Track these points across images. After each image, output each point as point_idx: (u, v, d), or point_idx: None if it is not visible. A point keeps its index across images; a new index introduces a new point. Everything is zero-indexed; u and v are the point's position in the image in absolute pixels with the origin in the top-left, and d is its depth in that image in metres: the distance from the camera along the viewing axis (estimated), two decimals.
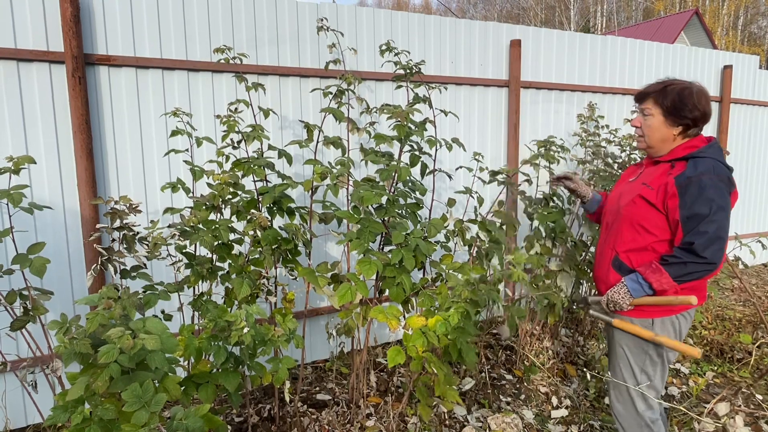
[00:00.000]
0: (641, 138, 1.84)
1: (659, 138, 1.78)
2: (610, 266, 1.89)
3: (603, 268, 1.93)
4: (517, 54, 3.81)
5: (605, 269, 1.91)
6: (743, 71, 5.12)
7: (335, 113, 2.43)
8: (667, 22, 22.23)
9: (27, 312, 1.82)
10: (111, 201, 1.83)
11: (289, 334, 1.88)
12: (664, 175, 1.74)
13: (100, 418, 1.36)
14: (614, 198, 1.97)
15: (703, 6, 31.87)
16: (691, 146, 1.74)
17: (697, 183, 1.62)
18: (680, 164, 1.72)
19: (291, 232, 2.18)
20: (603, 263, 1.93)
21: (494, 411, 2.76)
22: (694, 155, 1.70)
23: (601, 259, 1.96)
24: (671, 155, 1.77)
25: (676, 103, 1.71)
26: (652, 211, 1.74)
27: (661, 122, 1.75)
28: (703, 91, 1.74)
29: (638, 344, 1.85)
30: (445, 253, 2.45)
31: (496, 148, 3.93)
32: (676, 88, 1.73)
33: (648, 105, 1.78)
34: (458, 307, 2.01)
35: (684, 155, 1.72)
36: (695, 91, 1.73)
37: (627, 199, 1.83)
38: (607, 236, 1.93)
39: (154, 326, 1.41)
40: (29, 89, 2.54)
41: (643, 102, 1.81)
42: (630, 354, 1.88)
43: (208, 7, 2.88)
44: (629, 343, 1.87)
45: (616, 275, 1.86)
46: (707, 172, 1.63)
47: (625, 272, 1.83)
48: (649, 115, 1.78)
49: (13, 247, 1.98)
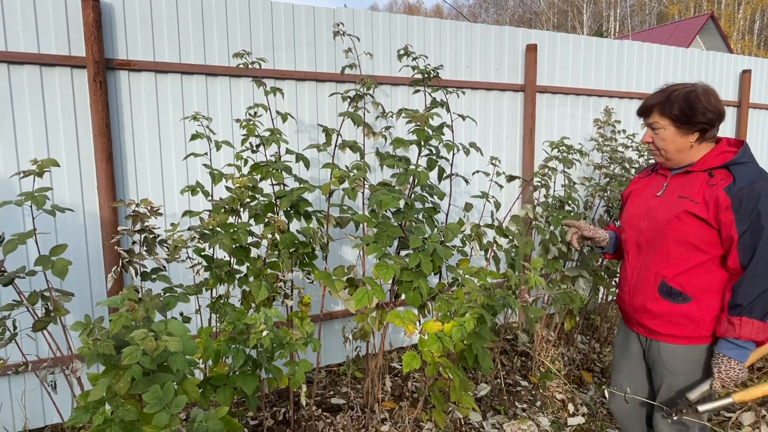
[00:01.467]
0: (657, 152, 1.70)
1: (676, 150, 1.64)
2: (655, 294, 1.69)
3: (643, 295, 1.73)
4: (533, 58, 3.80)
5: (648, 297, 1.71)
6: (762, 76, 5.05)
7: (354, 117, 2.43)
8: (681, 26, 22.04)
9: (48, 313, 1.84)
10: (132, 204, 1.85)
11: (306, 338, 1.89)
12: (706, 187, 1.58)
13: (121, 419, 1.37)
14: (640, 215, 1.76)
15: (719, 10, 31.54)
16: (726, 152, 1.61)
17: (751, 193, 1.50)
18: (721, 173, 1.57)
19: (308, 235, 2.19)
20: (643, 290, 1.73)
21: (510, 417, 2.73)
22: (735, 162, 1.57)
23: (639, 285, 1.75)
24: (704, 164, 1.62)
25: (685, 110, 1.58)
26: (704, 227, 1.57)
27: (673, 133, 1.62)
28: (710, 91, 1.60)
29: (694, 371, 1.67)
30: (461, 257, 2.44)
31: (512, 153, 3.91)
32: (681, 94, 1.60)
33: (654, 118, 1.64)
34: (474, 313, 1.99)
35: (723, 163, 1.58)
36: (701, 92, 1.59)
37: (668, 216, 1.64)
38: (646, 259, 1.73)
39: (176, 328, 1.41)
40: (51, 93, 2.58)
41: (649, 116, 1.67)
42: (685, 382, 1.70)
43: (227, 12, 2.90)
44: (684, 371, 1.68)
45: (665, 303, 1.67)
46: (758, 180, 1.51)
47: (675, 298, 1.64)
48: (659, 128, 1.64)
49: (35, 248, 2.00)
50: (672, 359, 1.69)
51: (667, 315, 1.67)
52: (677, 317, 1.65)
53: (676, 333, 1.67)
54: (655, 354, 1.75)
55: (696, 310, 1.62)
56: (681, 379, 1.69)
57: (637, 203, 1.81)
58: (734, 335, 1.51)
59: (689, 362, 1.66)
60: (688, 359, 1.66)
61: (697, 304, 1.62)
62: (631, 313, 1.81)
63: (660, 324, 1.70)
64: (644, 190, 1.81)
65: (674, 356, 1.69)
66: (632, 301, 1.78)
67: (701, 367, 1.66)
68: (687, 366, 1.67)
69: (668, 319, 1.67)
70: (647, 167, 1.94)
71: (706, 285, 1.62)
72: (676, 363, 1.69)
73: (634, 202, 1.83)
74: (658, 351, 1.74)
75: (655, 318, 1.70)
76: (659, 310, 1.68)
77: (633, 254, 1.79)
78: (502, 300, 2.16)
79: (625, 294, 1.82)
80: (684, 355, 1.67)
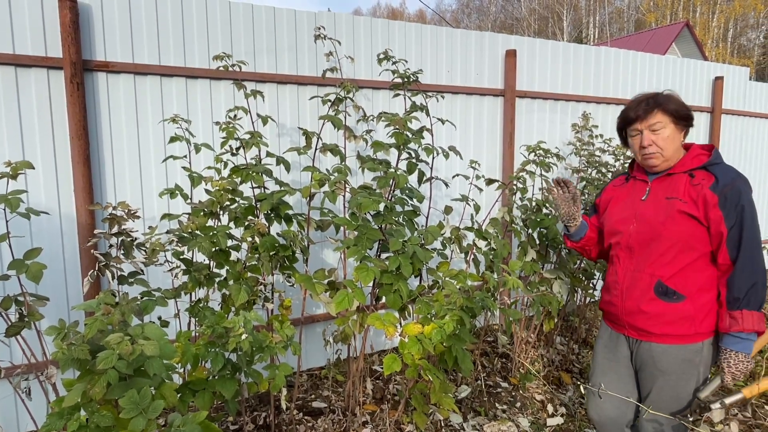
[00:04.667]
0: (657, 154, 1.71)
1: (675, 149, 1.70)
2: (651, 294, 1.71)
3: (638, 297, 1.75)
4: (513, 64, 3.85)
5: (643, 298, 1.73)
6: (734, 82, 5.20)
7: (334, 121, 2.44)
8: (658, 33, 22.54)
9: (22, 318, 1.81)
10: (109, 207, 1.83)
11: (286, 341, 1.88)
12: (690, 187, 1.65)
13: (97, 425, 1.35)
14: (628, 219, 1.80)
15: (694, 18, 32.36)
16: (700, 154, 1.70)
17: (734, 190, 1.58)
18: (701, 173, 1.65)
19: (289, 238, 2.18)
20: (637, 292, 1.75)
21: (490, 419, 2.76)
22: (712, 163, 1.66)
23: (632, 288, 1.77)
24: (683, 166, 1.70)
25: (681, 107, 1.67)
26: (696, 226, 1.63)
27: (673, 131, 1.68)
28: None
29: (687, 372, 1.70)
30: (441, 260, 2.46)
31: (492, 157, 3.96)
32: (665, 94, 1.71)
33: (658, 118, 1.68)
34: (453, 315, 2.01)
35: (701, 164, 1.67)
36: (673, 92, 1.73)
37: (661, 217, 1.68)
38: (639, 261, 1.76)
39: (153, 332, 1.40)
40: (27, 95, 2.54)
41: (647, 118, 1.70)
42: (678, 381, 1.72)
43: (207, 14, 2.89)
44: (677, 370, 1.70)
45: (660, 303, 1.70)
46: (737, 178, 1.60)
47: (671, 298, 1.68)
48: (660, 128, 1.68)
49: (8, 252, 1.97)
50: (664, 359, 1.71)
51: (663, 315, 1.69)
52: (672, 316, 1.68)
53: (671, 332, 1.69)
54: (646, 356, 1.76)
55: (690, 308, 1.66)
56: (673, 378, 1.71)
57: (621, 208, 1.84)
58: (738, 329, 1.56)
59: (682, 361, 1.69)
60: (681, 358, 1.69)
61: (691, 302, 1.66)
62: (622, 315, 1.81)
63: (654, 324, 1.72)
64: (626, 196, 1.85)
65: (666, 356, 1.71)
66: (624, 303, 1.79)
67: (693, 366, 1.69)
68: (679, 365, 1.69)
69: (663, 319, 1.69)
70: (621, 174, 1.99)
71: (699, 283, 1.66)
72: (668, 363, 1.71)
73: (618, 207, 1.86)
74: (649, 352, 1.75)
75: (650, 318, 1.72)
76: (654, 310, 1.71)
77: (624, 257, 1.80)
78: (482, 302, 2.19)
79: (616, 297, 1.83)
80: (676, 355, 1.69)
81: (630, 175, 1.90)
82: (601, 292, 1.95)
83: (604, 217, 1.93)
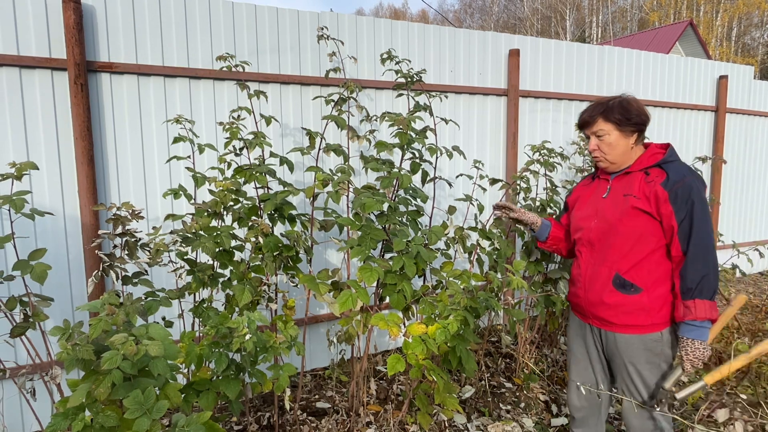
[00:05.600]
0: (602, 158, 1.85)
1: (621, 152, 1.82)
2: (610, 287, 1.83)
3: (599, 288, 1.86)
4: (516, 63, 3.85)
5: (604, 290, 1.84)
6: (738, 81, 5.18)
7: (338, 121, 2.44)
8: (661, 32, 22.46)
9: (27, 318, 1.81)
10: (113, 207, 1.83)
11: (290, 341, 1.88)
12: (644, 184, 1.76)
13: (102, 426, 1.36)
14: (590, 216, 1.91)
15: (697, 17, 32.22)
16: (656, 153, 1.81)
17: (684, 186, 1.68)
18: (655, 171, 1.76)
19: (292, 239, 2.18)
20: (598, 284, 1.86)
21: (494, 419, 2.75)
22: (665, 161, 1.77)
23: (594, 280, 1.89)
24: (640, 165, 1.81)
25: (624, 113, 1.77)
26: (650, 220, 1.75)
27: (617, 137, 1.80)
28: (636, 99, 1.83)
29: (650, 361, 1.80)
30: (445, 260, 2.45)
31: (495, 156, 3.95)
32: (616, 102, 1.80)
33: (599, 126, 1.81)
34: (457, 315, 2.01)
35: (655, 162, 1.78)
36: (631, 99, 1.81)
37: (617, 213, 1.80)
38: (599, 255, 1.87)
39: (157, 332, 1.40)
40: (31, 96, 2.55)
41: (592, 126, 1.83)
42: (644, 370, 1.82)
43: (210, 14, 2.90)
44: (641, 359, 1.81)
45: (619, 295, 1.81)
46: (689, 174, 1.70)
47: (628, 290, 1.79)
48: (604, 134, 1.81)
49: (13, 253, 1.97)
50: (628, 349, 1.82)
51: (621, 306, 1.80)
52: (630, 307, 1.79)
53: (629, 322, 1.80)
54: (612, 346, 1.88)
55: (646, 299, 1.77)
56: (638, 367, 1.82)
57: (585, 206, 1.97)
58: (692, 317, 1.66)
59: (644, 351, 1.80)
60: (643, 348, 1.80)
61: (647, 294, 1.77)
62: (586, 306, 1.93)
63: (614, 315, 1.83)
64: (590, 195, 1.98)
65: (629, 346, 1.82)
66: (587, 295, 1.91)
67: (654, 355, 1.79)
68: (642, 355, 1.80)
69: (622, 310, 1.80)
70: (588, 175, 2.09)
71: (654, 276, 1.77)
72: (632, 353, 1.81)
73: (583, 205, 1.99)
74: (614, 343, 1.86)
75: (610, 309, 1.83)
76: (614, 301, 1.82)
77: (586, 252, 1.93)
78: (485, 302, 2.18)
79: (580, 289, 1.95)
80: (638, 345, 1.80)
81: (596, 174, 2.02)
82: (567, 284, 2.03)
83: (572, 214, 2.05)
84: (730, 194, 5.30)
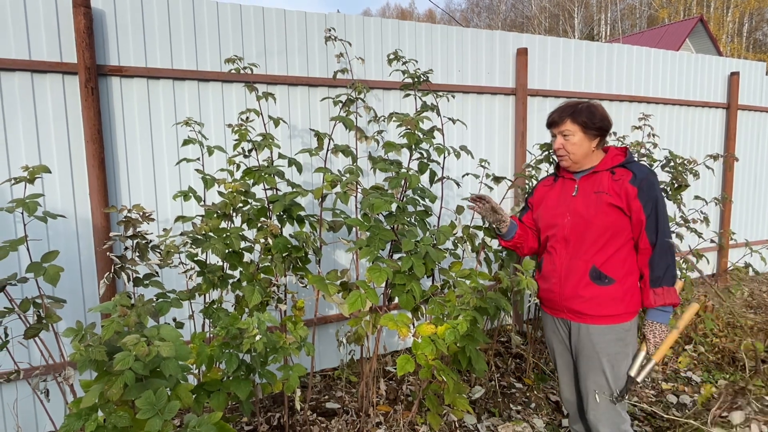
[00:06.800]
0: (566, 156, 1.95)
1: (583, 153, 1.93)
2: (586, 280, 1.90)
3: (575, 282, 1.93)
4: (524, 62, 3.83)
5: (580, 284, 1.91)
6: (750, 78, 5.12)
7: (345, 121, 2.44)
8: (671, 29, 22.25)
9: (40, 320, 1.83)
10: (124, 209, 1.85)
11: (300, 342, 1.89)
12: (612, 182, 1.88)
13: (114, 426, 1.37)
14: (562, 213, 1.98)
15: (708, 13, 31.89)
16: (618, 155, 1.94)
17: (648, 183, 1.83)
18: (621, 171, 1.89)
19: (301, 240, 2.19)
20: (574, 278, 1.93)
21: (504, 420, 2.74)
22: (628, 161, 1.91)
23: (569, 274, 1.95)
24: (605, 165, 1.93)
25: (590, 117, 1.88)
26: (621, 215, 1.86)
27: (582, 138, 1.90)
28: (602, 106, 1.96)
29: (621, 351, 1.90)
30: (454, 260, 2.45)
31: (504, 156, 3.94)
32: (584, 106, 1.91)
33: (566, 126, 1.91)
34: (467, 315, 2.00)
35: (619, 163, 1.91)
36: (596, 105, 1.94)
37: (592, 210, 1.89)
38: (574, 250, 1.94)
39: (169, 334, 1.42)
40: (43, 100, 2.58)
41: (560, 125, 1.93)
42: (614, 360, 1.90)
43: (218, 17, 2.91)
44: (612, 350, 1.90)
45: (594, 287, 1.88)
46: (650, 174, 1.86)
47: (603, 281, 1.87)
48: (570, 135, 1.91)
49: (27, 255, 2.00)
50: (601, 340, 1.90)
51: (597, 297, 1.89)
52: (605, 298, 1.88)
53: (605, 313, 1.89)
54: (585, 338, 1.94)
55: (620, 290, 1.87)
56: (610, 359, 1.90)
57: (555, 204, 2.04)
58: (662, 303, 1.82)
59: (616, 341, 1.89)
60: (614, 339, 1.89)
61: (620, 285, 1.87)
62: (560, 301, 1.99)
63: (590, 307, 1.90)
64: (558, 194, 2.06)
65: (603, 337, 1.90)
66: (562, 290, 1.97)
67: (625, 345, 1.90)
68: (615, 345, 1.89)
69: (597, 302, 1.89)
70: (549, 176, 2.17)
71: (625, 268, 1.89)
72: (606, 343, 1.89)
73: (551, 204, 2.06)
74: (587, 335, 1.93)
75: (586, 302, 1.91)
76: (590, 294, 1.90)
77: (561, 248, 1.99)
78: (495, 303, 2.18)
79: (555, 284, 2.01)
80: (610, 335, 1.89)
81: (558, 175, 2.10)
82: (537, 281, 2.11)
83: (539, 213, 2.11)
84: (742, 192, 5.24)
